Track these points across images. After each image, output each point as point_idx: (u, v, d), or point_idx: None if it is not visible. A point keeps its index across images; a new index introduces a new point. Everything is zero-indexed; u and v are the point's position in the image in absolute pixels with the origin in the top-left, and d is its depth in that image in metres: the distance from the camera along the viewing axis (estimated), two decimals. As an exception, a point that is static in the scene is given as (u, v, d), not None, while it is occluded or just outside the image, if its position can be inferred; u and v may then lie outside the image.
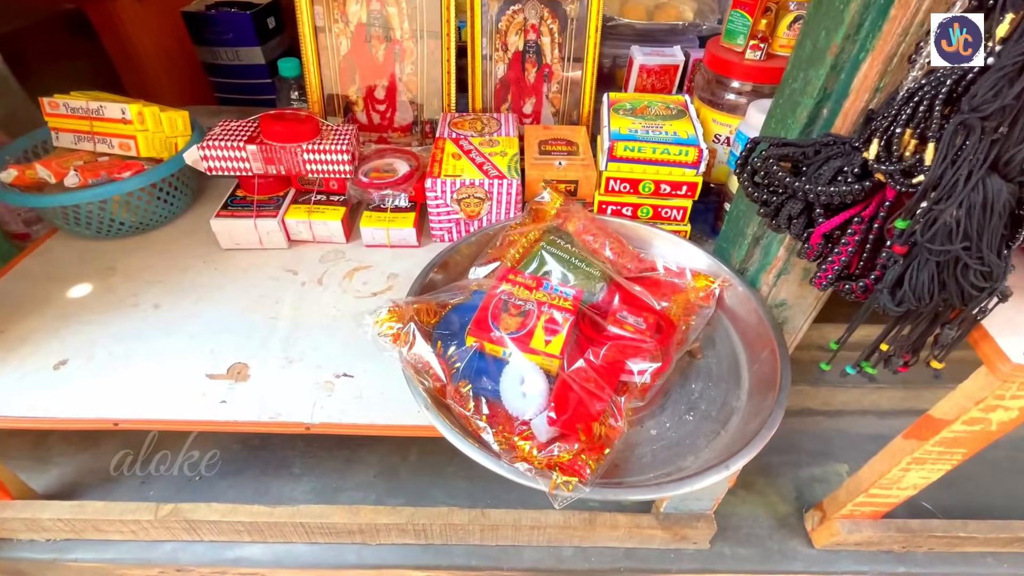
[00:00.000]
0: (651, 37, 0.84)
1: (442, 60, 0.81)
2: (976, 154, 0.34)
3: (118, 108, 0.66)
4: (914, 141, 0.37)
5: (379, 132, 0.88)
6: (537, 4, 0.79)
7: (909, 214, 0.38)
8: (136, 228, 0.71)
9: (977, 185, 0.34)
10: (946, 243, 0.36)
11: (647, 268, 0.63)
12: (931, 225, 0.36)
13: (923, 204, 0.37)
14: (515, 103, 0.85)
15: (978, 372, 0.44)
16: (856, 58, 0.42)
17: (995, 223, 0.35)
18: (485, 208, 0.68)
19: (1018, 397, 0.43)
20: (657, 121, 0.69)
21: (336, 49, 0.82)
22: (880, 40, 0.40)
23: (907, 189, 0.38)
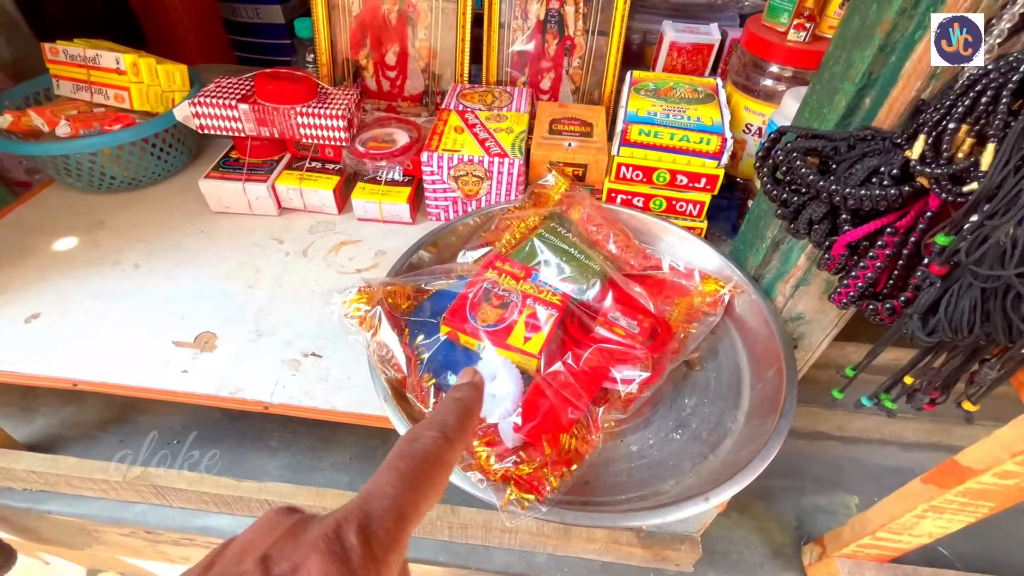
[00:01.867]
0: (686, 12, 0.77)
1: (457, 26, 0.76)
2: (1049, 160, 0.27)
3: (113, 57, 0.64)
4: (970, 140, 0.30)
5: (388, 100, 0.83)
6: (562, -31, 0.72)
7: (954, 228, 0.31)
8: (129, 184, 0.69)
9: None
10: (997, 267, 0.30)
11: (652, 266, 0.58)
12: (980, 244, 0.30)
13: (973, 217, 0.30)
14: (532, 77, 0.80)
15: (1020, 419, 0.38)
16: (911, 37, 0.36)
17: (1062, 247, 0.29)
18: (484, 188, 0.63)
19: (1066, 453, 0.37)
20: (681, 105, 0.63)
21: (347, 8, 0.78)
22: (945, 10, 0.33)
23: (955, 198, 0.31)
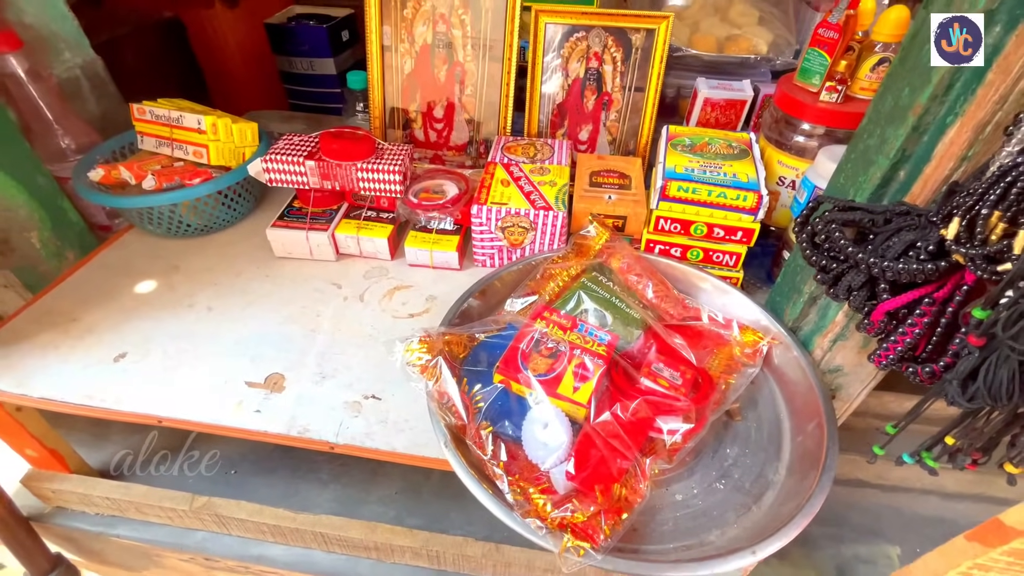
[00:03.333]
0: (719, 69, 0.81)
1: (501, 83, 0.81)
2: (1078, 248, 0.30)
3: (195, 119, 0.70)
4: (1003, 225, 0.33)
5: (435, 149, 0.89)
6: (602, 32, 0.78)
7: (990, 304, 0.34)
8: (201, 230, 0.75)
9: (1077, 282, 0.30)
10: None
11: (691, 316, 0.60)
12: (1016, 320, 0.32)
13: (1008, 294, 0.32)
14: (571, 129, 0.84)
15: (1063, 483, 0.39)
16: (943, 121, 0.39)
17: (1096, 326, 0.31)
18: (529, 237, 0.67)
19: (1111, 519, 0.38)
20: (717, 160, 0.66)
21: (400, 68, 0.84)
22: (972, 105, 0.36)
23: (990, 276, 0.33)
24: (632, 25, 0.76)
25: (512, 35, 0.78)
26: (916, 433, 0.45)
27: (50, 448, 0.66)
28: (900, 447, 0.45)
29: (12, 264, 0.70)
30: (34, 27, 0.76)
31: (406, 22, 0.81)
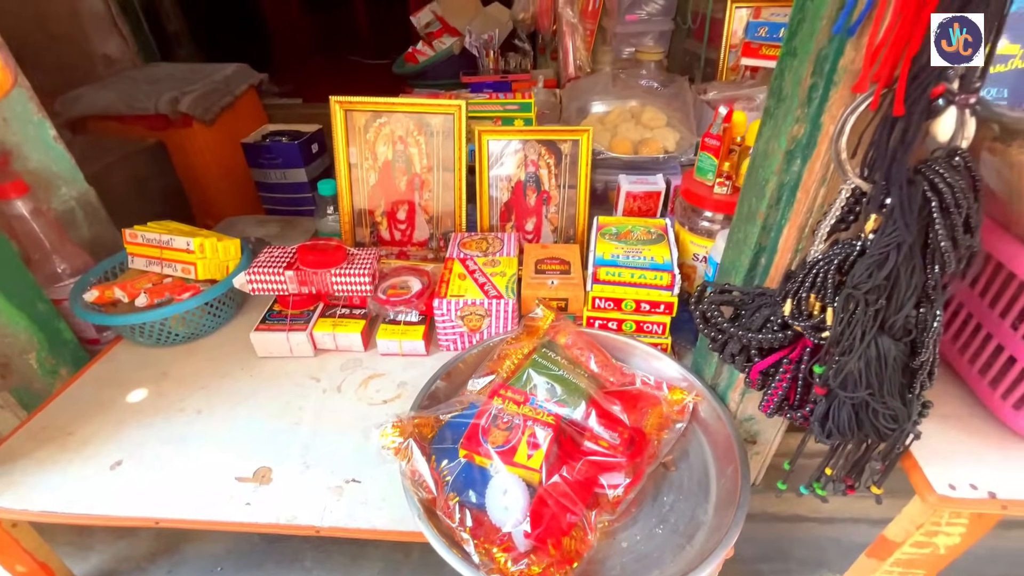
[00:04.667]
0: (637, 166, 0.96)
1: (455, 189, 0.95)
2: (865, 319, 0.41)
3: (184, 241, 0.80)
4: (818, 304, 0.44)
5: (400, 246, 1.00)
6: (536, 144, 0.92)
7: (823, 361, 0.45)
8: (188, 337, 0.82)
9: (870, 343, 0.41)
10: (853, 390, 0.43)
11: (628, 381, 0.70)
12: (840, 373, 0.43)
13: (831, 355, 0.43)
14: (518, 222, 0.97)
15: (916, 498, 0.48)
16: (779, 223, 0.51)
17: (891, 374, 0.42)
18: (485, 323, 0.77)
19: (956, 524, 0.47)
20: (638, 246, 0.79)
21: (365, 180, 0.97)
22: (793, 213, 0.49)
23: (819, 341, 0.45)
24: (560, 138, 0.91)
25: (460, 150, 0.92)
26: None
27: (40, 562, 0.68)
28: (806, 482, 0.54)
29: (10, 385, 0.75)
30: (37, 171, 0.86)
31: (369, 144, 0.95)
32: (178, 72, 1.56)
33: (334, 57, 3.22)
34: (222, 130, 1.42)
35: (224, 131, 1.42)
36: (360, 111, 0.93)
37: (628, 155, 0.96)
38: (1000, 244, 0.47)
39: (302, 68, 2.95)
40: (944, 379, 0.59)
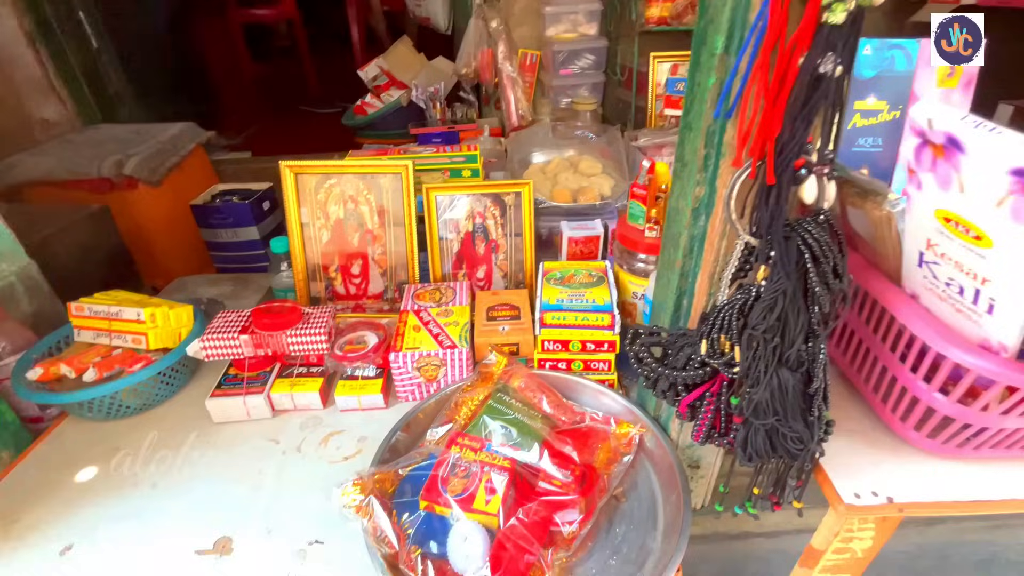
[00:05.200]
0: (576, 213, 1.04)
1: (406, 243, 0.99)
2: (766, 355, 0.47)
3: (134, 312, 0.80)
4: (728, 343, 0.50)
5: (355, 300, 1.03)
6: (482, 197, 0.98)
7: (737, 394, 0.50)
8: (140, 409, 0.81)
9: (772, 376, 0.47)
10: (764, 417, 0.48)
11: (578, 419, 0.74)
12: (751, 403, 0.49)
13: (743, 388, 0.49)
14: (469, 270, 1.02)
15: (831, 510, 0.54)
16: (694, 270, 0.58)
17: (792, 401, 0.48)
18: (441, 372, 0.81)
19: (866, 529, 0.53)
20: (580, 289, 0.85)
21: (318, 238, 1.00)
22: (703, 262, 0.56)
23: (732, 376, 0.51)
24: (503, 191, 0.98)
25: (409, 207, 0.97)
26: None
27: (-20, 664, 0.64)
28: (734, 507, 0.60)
29: (-55, 475, 0.72)
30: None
31: (320, 204, 0.98)
32: (121, 134, 1.55)
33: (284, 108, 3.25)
34: (170, 191, 1.42)
35: (172, 192, 1.42)
36: (310, 174, 0.97)
37: (568, 203, 1.03)
38: (871, 281, 0.55)
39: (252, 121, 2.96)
40: (851, 397, 0.66)
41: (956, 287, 0.47)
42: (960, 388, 0.48)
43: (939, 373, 0.48)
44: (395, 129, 1.94)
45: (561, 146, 1.21)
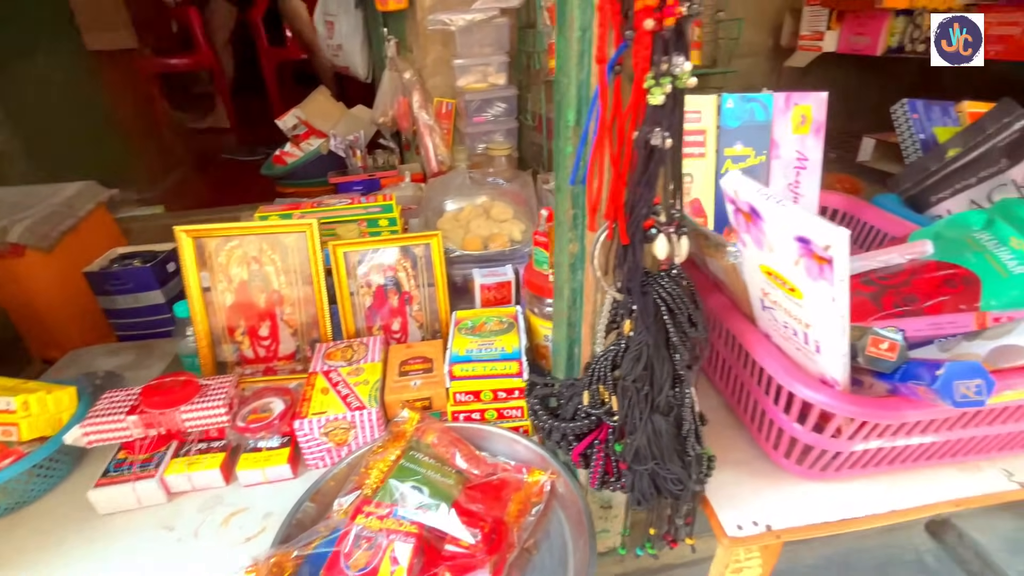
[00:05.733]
0: (488, 259, 1.06)
1: (316, 301, 0.97)
2: (639, 402, 0.50)
3: (4, 400, 0.73)
4: (607, 393, 0.53)
5: (265, 363, 0.99)
6: (391, 250, 0.99)
7: (620, 441, 0.52)
8: (12, 508, 0.74)
9: (646, 422, 0.50)
10: (644, 462, 0.51)
11: (491, 471, 0.74)
12: (631, 450, 0.51)
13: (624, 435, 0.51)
14: (384, 323, 1.01)
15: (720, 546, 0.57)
16: (578, 321, 0.61)
17: (667, 444, 0.50)
18: (351, 435, 0.78)
19: (752, 558, 0.56)
20: (490, 337, 0.86)
21: (222, 303, 0.96)
22: (584, 313, 0.59)
23: (614, 424, 0.53)
24: (412, 243, 0.99)
25: (316, 265, 0.96)
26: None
27: None
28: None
29: None
30: None
31: (222, 267, 0.95)
32: (9, 196, 1.45)
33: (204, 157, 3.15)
34: (64, 256, 1.33)
35: (66, 257, 1.33)
36: (209, 237, 0.94)
37: (479, 251, 1.05)
38: (733, 321, 0.60)
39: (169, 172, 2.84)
40: (738, 427, 0.70)
41: (791, 330, 0.52)
42: (811, 419, 0.52)
43: (794, 405, 0.52)
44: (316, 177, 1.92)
45: (474, 193, 1.25)
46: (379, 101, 1.74)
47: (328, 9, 2.14)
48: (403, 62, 1.64)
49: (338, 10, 2.08)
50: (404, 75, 1.63)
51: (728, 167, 0.88)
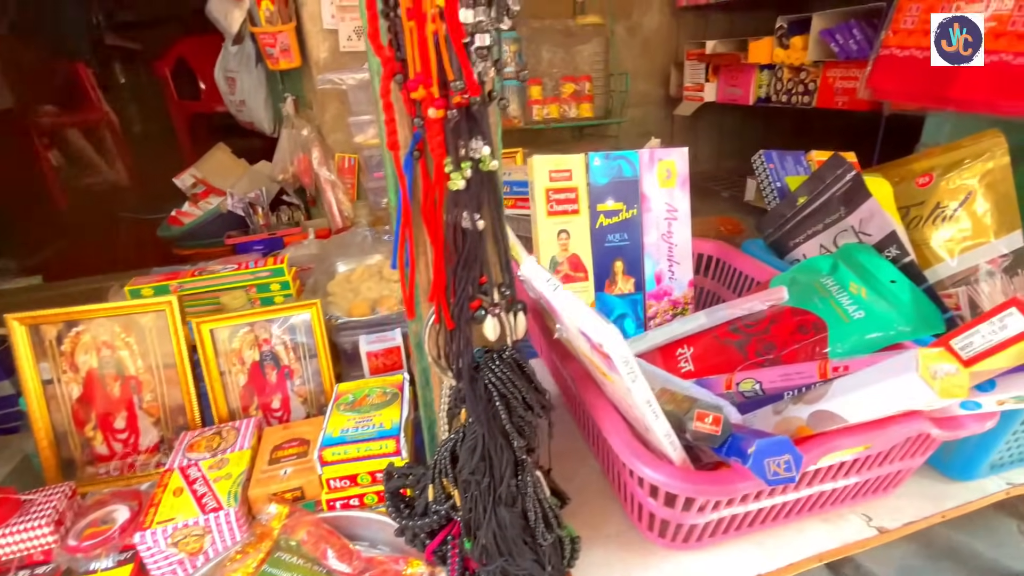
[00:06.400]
0: (376, 324, 1.01)
1: (180, 384, 0.88)
2: (481, 496, 0.46)
3: None
4: (450, 486, 0.49)
5: (124, 459, 0.88)
6: (266, 323, 0.92)
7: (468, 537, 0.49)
8: None
9: (491, 516, 0.46)
10: (493, 560, 0.47)
11: (365, 567, 0.68)
12: (478, 547, 0.47)
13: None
14: (262, 402, 0.93)
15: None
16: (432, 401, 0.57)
17: (515, 536, 0.47)
18: (207, 541, 0.70)
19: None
20: (370, 413, 0.80)
21: (67, 395, 0.85)
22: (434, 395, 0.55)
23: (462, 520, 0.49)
24: (288, 313, 0.93)
25: (179, 345, 0.88)
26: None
27: None
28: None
29: None
30: None
31: (66, 355, 0.85)
32: None
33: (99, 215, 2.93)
34: None
35: None
36: (51, 324, 0.84)
37: (367, 317, 1.01)
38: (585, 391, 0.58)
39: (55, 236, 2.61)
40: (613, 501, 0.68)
41: (626, 404, 0.51)
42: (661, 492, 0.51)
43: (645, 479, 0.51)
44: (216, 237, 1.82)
45: (368, 252, 1.21)
46: (278, 158, 1.69)
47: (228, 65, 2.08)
48: (301, 119, 1.62)
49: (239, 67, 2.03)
50: (302, 132, 1.60)
51: (602, 222, 0.90)
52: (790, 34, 1.36)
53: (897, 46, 1.01)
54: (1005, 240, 0.85)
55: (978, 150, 0.86)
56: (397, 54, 0.37)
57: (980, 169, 0.86)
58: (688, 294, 0.95)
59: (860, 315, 0.68)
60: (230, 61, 2.08)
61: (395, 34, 0.37)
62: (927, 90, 0.98)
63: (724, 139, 2.07)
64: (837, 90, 1.29)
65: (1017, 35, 0.83)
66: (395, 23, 0.36)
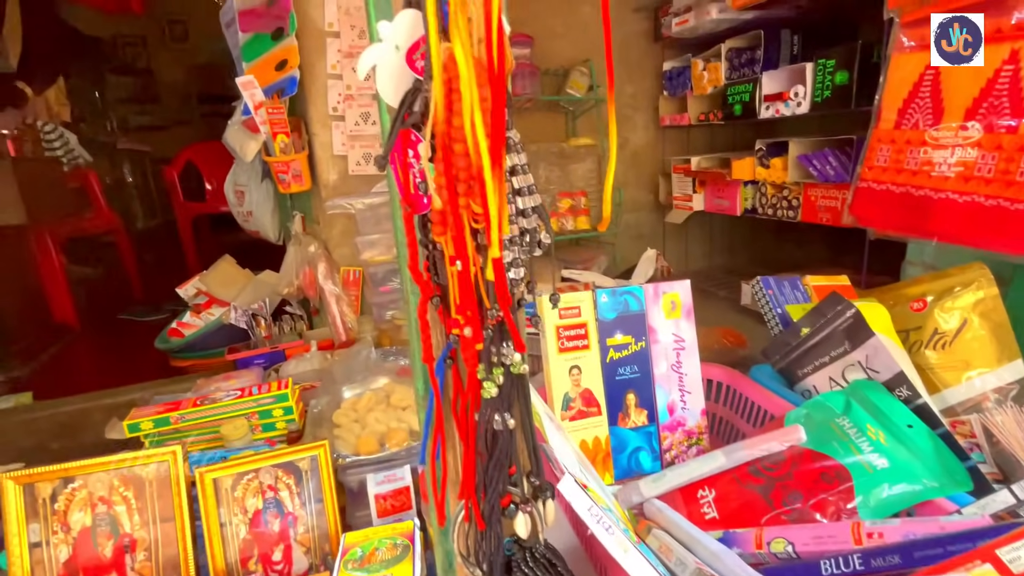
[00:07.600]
0: (385, 462, 0.98)
1: (178, 542, 0.83)
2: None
3: None
4: None
5: (108, 628, 0.81)
6: (270, 468, 0.89)
7: None
8: None
9: None
10: None
11: None
12: None
13: None
14: (262, 555, 0.88)
15: None
16: None
17: None
18: None
19: None
20: (381, 571, 0.76)
21: (55, 558, 0.80)
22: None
23: None
24: (294, 457, 0.90)
25: (180, 497, 0.84)
26: None
27: None
28: None
29: None
30: None
31: (58, 515, 0.81)
32: None
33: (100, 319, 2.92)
34: None
35: None
36: (46, 482, 0.81)
37: (375, 455, 0.98)
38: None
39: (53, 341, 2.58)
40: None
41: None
42: None
43: None
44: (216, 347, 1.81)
45: (372, 371, 1.20)
46: (284, 272, 1.73)
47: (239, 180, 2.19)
48: (307, 236, 1.67)
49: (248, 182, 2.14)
50: (308, 248, 1.65)
51: (612, 356, 0.91)
52: (769, 155, 1.47)
53: (873, 180, 1.09)
54: (1008, 368, 0.87)
55: (966, 279, 0.91)
56: (434, 278, 0.40)
57: (972, 298, 0.89)
58: (702, 423, 0.94)
59: (883, 464, 0.68)
60: (240, 176, 2.19)
61: (433, 262, 0.39)
62: (908, 223, 1.05)
63: (715, 240, 2.16)
64: (820, 207, 1.37)
65: (983, 180, 0.91)
66: (432, 253, 0.39)
